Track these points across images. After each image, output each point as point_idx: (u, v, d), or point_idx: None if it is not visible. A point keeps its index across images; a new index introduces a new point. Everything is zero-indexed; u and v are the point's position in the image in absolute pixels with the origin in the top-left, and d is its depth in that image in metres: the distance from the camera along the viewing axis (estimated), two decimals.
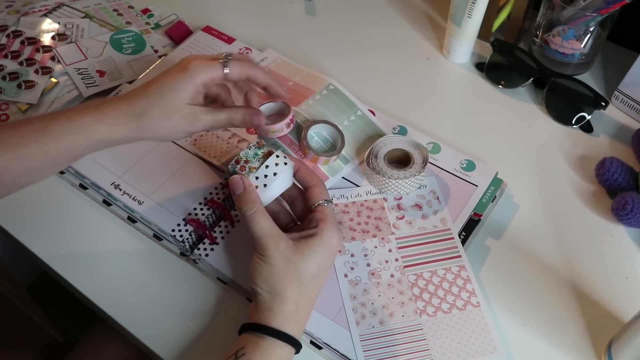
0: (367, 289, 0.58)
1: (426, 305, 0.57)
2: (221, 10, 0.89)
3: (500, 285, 0.60)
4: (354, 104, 0.72)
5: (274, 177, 0.54)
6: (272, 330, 0.49)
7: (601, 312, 0.59)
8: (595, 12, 0.71)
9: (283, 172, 0.55)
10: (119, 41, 0.81)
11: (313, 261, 0.51)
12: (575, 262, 0.62)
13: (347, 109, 0.71)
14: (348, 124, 0.70)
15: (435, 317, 0.57)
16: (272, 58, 0.79)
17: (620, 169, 0.65)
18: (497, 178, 0.66)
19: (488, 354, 0.55)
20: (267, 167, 0.54)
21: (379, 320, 0.56)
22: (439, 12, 0.90)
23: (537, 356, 0.56)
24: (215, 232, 0.62)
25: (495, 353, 0.55)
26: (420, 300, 0.58)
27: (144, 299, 0.60)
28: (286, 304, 0.50)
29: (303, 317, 0.52)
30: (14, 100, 0.72)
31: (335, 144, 0.68)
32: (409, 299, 0.58)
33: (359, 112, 0.72)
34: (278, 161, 0.54)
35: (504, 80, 0.79)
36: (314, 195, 0.55)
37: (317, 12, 0.90)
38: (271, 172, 0.54)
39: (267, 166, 0.54)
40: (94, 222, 0.65)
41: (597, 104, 0.72)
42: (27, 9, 0.83)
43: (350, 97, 0.72)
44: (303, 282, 0.51)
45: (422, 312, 0.57)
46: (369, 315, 0.57)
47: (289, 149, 0.66)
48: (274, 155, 0.55)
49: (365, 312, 0.57)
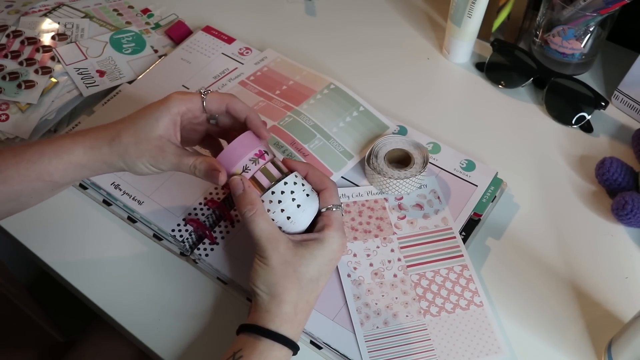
0: (370, 289, 0.58)
1: (430, 305, 0.57)
2: (221, 10, 0.89)
3: (500, 285, 0.60)
4: (356, 100, 0.72)
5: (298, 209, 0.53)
6: (269, 332, 0.49)
7: (601, 312, 0.59)
8: (595, 12, 0.71)
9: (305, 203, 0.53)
10: (119, 41, 0.81)
11: (312, 265, 0.51)
12: (575, 262, 0.62)
13: (349, 105, 0.72)
14: (351, 120, 0.70)
15: (439, 317, 0.57)
16: (271, 57, 0.79)
17: (620, 169, 0.65)
18: (497, 178, 0.66)
19: (492, 354, 0.55)
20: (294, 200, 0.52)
21: (383, 321, 0.56)
22: (439, 12, 0.90)
23: (537, 356, 0.56)
24: (215, 232, 0.62)
25: (500, 353, 0.55)
26: (423, 300, 0.58)
27: (144, 299, 0.60)
28: (284, 307, 0.50)
29: (301, 320, 0.52)
30: (14, 100, 0.72)
31: None
32: (412, 299, 0.58)
33: (361, 108, 0.72)
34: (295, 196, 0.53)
35: (504, 80, 0.79)
36: (323, 200, 0.55)
37: (317, 12, 0.90)
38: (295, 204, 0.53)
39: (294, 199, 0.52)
40: (94, 222, 0.65)
41: (597, 104, 0.72)
42: (27, 9, 0.83)
43: (351, 94, 0.72)
44: (302, 285, 0.51)
45: (426, 312, 0.57)
46: (373, 316, 0.57)
47: (291, 147, 0.66)
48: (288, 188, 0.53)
49: (369, 312, 0.57)
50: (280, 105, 0.72)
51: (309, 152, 0.67)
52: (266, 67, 0.78)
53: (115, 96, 0.74)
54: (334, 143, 0.69)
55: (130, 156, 0.52)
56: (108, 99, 0.74)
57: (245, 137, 0.54)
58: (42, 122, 0.72)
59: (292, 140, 0.68)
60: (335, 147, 0.69)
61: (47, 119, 0.72)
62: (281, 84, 0.75)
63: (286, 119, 0.70)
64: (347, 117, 0.71)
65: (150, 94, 0.74)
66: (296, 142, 0.67)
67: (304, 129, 0.69)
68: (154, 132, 0.52)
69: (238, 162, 0.53)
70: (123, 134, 0.52)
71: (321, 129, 0.70)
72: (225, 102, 0.55)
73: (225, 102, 0.55)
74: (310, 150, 0.68)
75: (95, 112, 0.73)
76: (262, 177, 0.53)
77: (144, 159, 0.52)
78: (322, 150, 0.68)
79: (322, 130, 0.70)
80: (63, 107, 0.73)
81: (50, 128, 0.73)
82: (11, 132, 0.70)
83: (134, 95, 0.74)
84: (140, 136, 0.52)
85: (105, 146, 0.52)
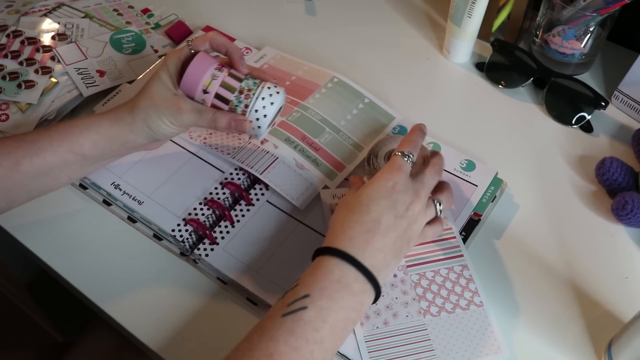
0: None
1: (430, 305, 0.57)
2: (221, 10, 0.89)
3: (500, 285, 0.60)
4: (360, 92, 0.73)
5: (271, 106, 0.59)
6: (317, 250, 0.51)
7: (601, 312, 0.59)
8: (595, 12, 0.71)
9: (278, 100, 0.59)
10: (119, 41, 0.81)
11: (363, 194, 0.53)
12: (575, 261, 0.62)
13: (354, 98, 0.72)
14: (357, 112, 0.71)
15: (439, 317, 0.57)
16: (270, 55, 0.79)
17: (620, 169, 0.65)
18: (497, 178, 0.66)
19: (492, 354, 0.55)
20: (264, 99, 0.58)
21: (383, 321, 0.56)
22: (439, 12, 0.90)
23: (537, 356, 0.56)
24: (215, 232, 0.62)
25: (500, 353, 0.55)
26: (423, 300, 0.58)
27: (144, 299, 0.60)
28: (332, 227, 0.52)
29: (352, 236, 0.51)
30: (14, 100, 0.72)
31: None
32: (412, 299, 0.58)
33: (366, 100, 0.72)
34: (271, 92, 0.59)
35: (504, 80, 0.79)
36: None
37: (317, 12, 0.90)
38: (268, 102, 0.59)
39: (264, 98, 0.58)
40: (93, 222, 0.65)
41: (597, 104, 0.73)
42: (27, 9, 0.83)
43: (355, 87, 0.73)
44: (350, 208, 0.53)
45: (426, 312, 0.57)
46: (373, 316, 0.57)
47: (302, 142, 0.67)
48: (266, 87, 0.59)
49: (369, 312, 0.57)
50: (287, 101, 0.72)
51: (320, 146, 0.68)
52: (266, 65, 0.78)
53: (115, 96, 0.74)
54: (344, 136, 0.69)
55: (152, 118, 0.58)
56: (108, 99, 0.74)
57: (204, 54, 0.59)
58: (42, 122, 0.72)
59: (303, 135, 0.68)
60: (345, 140, 0.69)
61: (47, 119, 0.72)
62: (284, 79, 0.75)
63: (294, 114, 0.70)
64: (354, 109, 0.71)
65: None
66: (307, 136, 0.68)
67: (313, 123, 0.70)
68: (169, 92, 0.58)
69: (206, 71, 0.58)
70: (141, 101, 0.58)
71: (330, 122, 0.70)
72: (207, 40, 0.59)
73: (207, 40, 0.59)
74: (321, 144, 0.68)
75: (95, 112, 0.73)
76: (231, 80, 0.58)
77: (164, 118, 0.58)
78: (333, 144, 0.69)
79: (331, 124, 0.70)
80: (63, 107, 0.73)
81: None
82: (11, 132, 0.70)
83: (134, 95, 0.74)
84: (156, 99, 0.57)
85: (127, 115, 0.58)
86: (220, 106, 0.59)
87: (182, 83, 0.58)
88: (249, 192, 0.65)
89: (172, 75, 0.58)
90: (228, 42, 0.60)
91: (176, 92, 0.58)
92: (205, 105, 0.59)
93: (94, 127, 0.57)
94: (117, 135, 0.58)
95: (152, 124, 0.58)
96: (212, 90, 0.58)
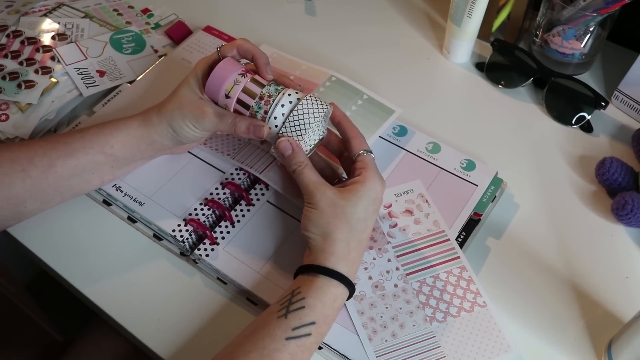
0: (373, 302, 0.58)
1: (434, 311, 0.57)
2: (221, 10, 0.89)
3: (501, 285, 0.60)
4: (358, 89, 0.72)
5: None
6: (325, 269, 0.52)
7: (601, 312, 0.59)
8: (595, 12, 0.71)
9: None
10: (119, 41, 0.81)
11: (359, 205, 0.54)
12: (575, 262, 0.62)
13: (353, 95, 0.72)
14: (356, 108, 0.71)
15: (445, 323, 0.56)
16: (268, 53, 0.79)
17: (620, 169, 0.65)
18: (497, 178, 0.66)
19: (503, 353, 0.55)
20: (283, 106, 0.57)
21: (391, 333, 0.56)
22: (439, 12, 0.90)
23: (537, 356, 0.56)
24: (215, 232, 0.62)
25: (509, 351, 0.55)
26: (428, 307, 0.57)
27: (144, 299, 0.60)
28: (337, 245, 0.53)
29: (355, 259, 0.54)
30: (13, 100, 0.72)
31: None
32: (416, 307, 0.57)
33: (364, 96, 0.72)
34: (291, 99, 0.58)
35: (504, 80, 0.79)
36: (354, 147, 0.58)
37: (317, 12, 0.90)
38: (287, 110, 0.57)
39: (283, 105, 0.57)
40: (94, 222, 0.65)
41: (597, 104, 0.73)
42: (27, 9, 0.83)
43: (353, 84, 0.73)
44: (351, 224, 0.53)
45: (432, 319, 0.57)
46: (380, 330, 0.56)
47: None
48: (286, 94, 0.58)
49: (375, 326, 0.56)
50: None
51: None
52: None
53: (115, 96, 0.74)
54: None
55: (176, 120, 0.59)
56: (108, 99, 0.74)
57: (230, 59, 0.59)
58: (42, 122, 0.72)
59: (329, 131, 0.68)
60: None
61: (47, 119, 0.72)
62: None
63: None
64: (353, 106, 0.71)
65: (150, 94, 0.74)
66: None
67: None
68: (195, 95, 0.59)
69: (229, 76, 0.57)
70: (169, 104, 0.59)
71: None
72: (235, 46, 0.60)
73: (235, 46, 0.60)
74: None
75: (96, 112, 0.73)
76: (253, 86, 0.58)
77: (187, 120, 0.58)
78: None
79: None
80: (63, 107, 0.73)
81: (50, 128, 0.73)
82: (11, 132, 0.70)
83: (134, 96, 0.74)
84: (182, 102, 0.59)
85: (155, 117, 0.59)
86: (242, 112, 0.58)
87: (206, 87, 0.58)
88: (249, 192, 0.65)
89: (200, 80, 0.59)
90: (255, 48, 0.60)
91: (202, 96, 0.59)
92: (228, 110, 0.59)
93: (123, 127, 0.59)
94: (144, 136, 0.60)
95: (176, 127, 0.59)
96: (234, 96, 0.58)
